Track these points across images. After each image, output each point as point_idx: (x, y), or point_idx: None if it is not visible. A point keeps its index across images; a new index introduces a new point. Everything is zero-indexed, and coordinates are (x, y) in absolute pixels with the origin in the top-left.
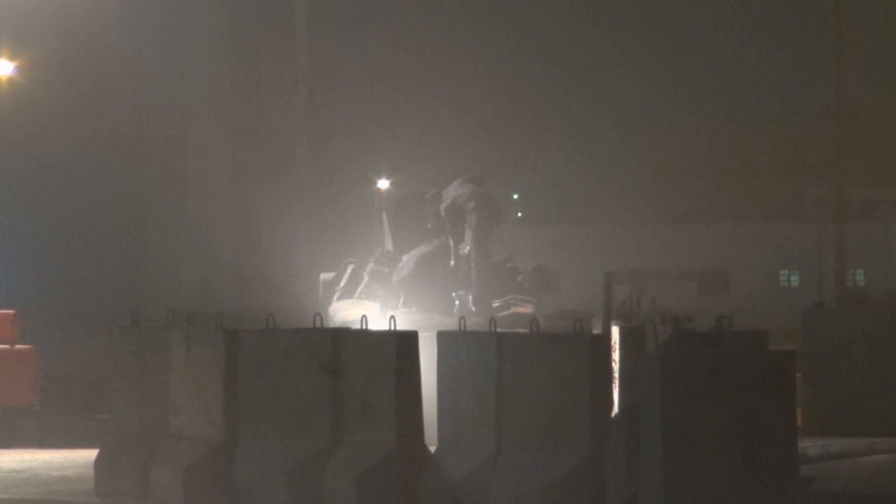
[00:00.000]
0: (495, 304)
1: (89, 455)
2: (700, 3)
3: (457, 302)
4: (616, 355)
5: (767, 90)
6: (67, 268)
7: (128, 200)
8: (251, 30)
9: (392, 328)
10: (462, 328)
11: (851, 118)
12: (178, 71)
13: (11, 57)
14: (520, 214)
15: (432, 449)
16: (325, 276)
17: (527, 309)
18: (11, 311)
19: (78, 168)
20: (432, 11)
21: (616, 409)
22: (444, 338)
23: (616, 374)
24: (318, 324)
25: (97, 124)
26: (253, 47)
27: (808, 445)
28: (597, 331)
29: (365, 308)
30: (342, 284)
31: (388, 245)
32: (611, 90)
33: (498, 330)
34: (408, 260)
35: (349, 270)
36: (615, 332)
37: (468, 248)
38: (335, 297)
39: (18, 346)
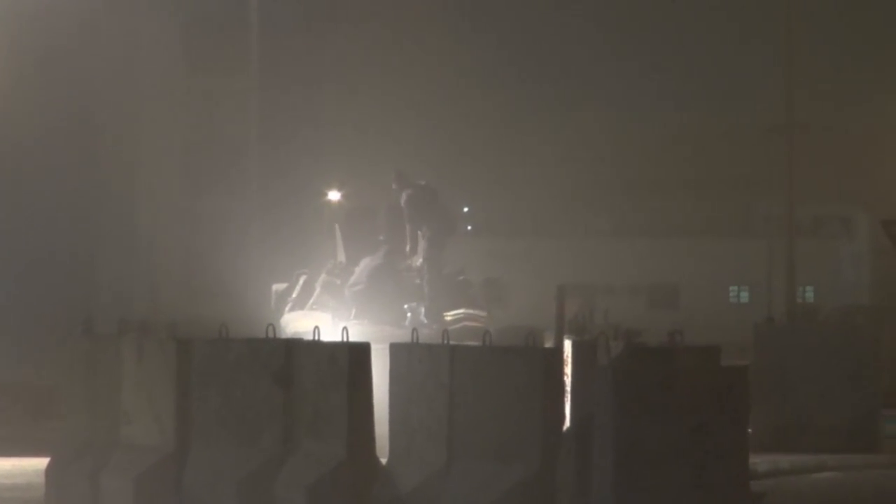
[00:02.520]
0: (448, 318)
1: (39, 463)
2: (649, 17)
3: (409, 314)
4: (568, 369)
5: (718, 105)
6: (17, 275)
7: (79, 209)
8: (203, 39)
9: (344, 339)
10: (415, 340)
11: (802, 134)
12: (130, 80)
13: None
14: (469, 227)
15: (384, 460)
16: (278, 286)
17: (479, 322)
18: None
19: (28, 174)
20: (384, 24)
21: (568, 422)
22: (396, 349)
23: (568, 388)
24: (270, 334)
25: (48, 132)
26: (205, 57)
27: (759, 461)
28: (549, 344)
29: (317, 319)
30: (294, 295)
31: (341, 256)
32: (561, 104)
33: (450, 342)
34: (360, 273)
35: (301, 281)
36: (567, 345)
37: (420, 260)
38: (287, 308)
39: None
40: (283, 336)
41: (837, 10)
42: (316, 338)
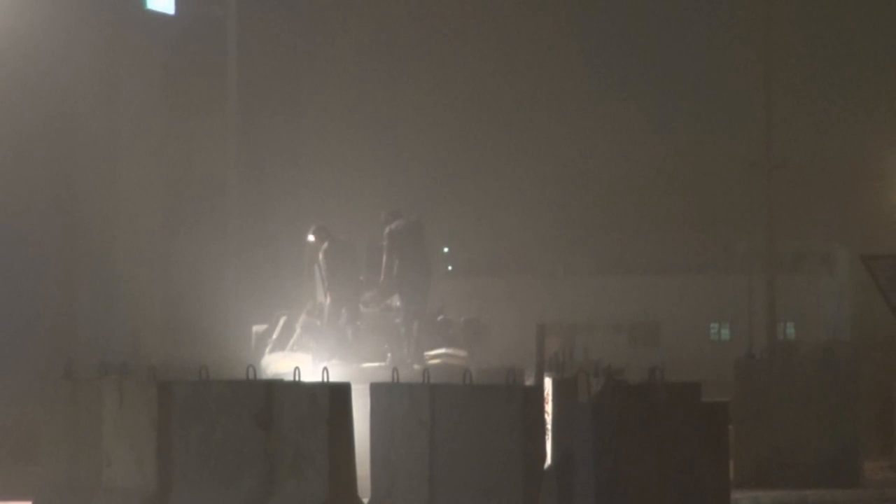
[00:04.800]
0: (429, 360)
1: None
2: (626, 52)
3: (389, 354)
4: (549, 407)
5: (697, 142)
6: None
7: (56, 250)
8: (182, 80)
9: (325, 380)
10: (395, 380)
11: (781, 170)
12: (109, 121)
13: None
14: (450, 267)
15: (366, 500)
16: (258, 328)
17: (460, 361)
18: None
19: (6, 216)
20: (365, 64)
21: (549, 460)
22: (377, 389)
23: (549, 426)
24: (250, 376)
25: (25, 173)
26: (184, 97)
27: (741, 497)
28: (529, 382)
29: (297, 360)
30: (274, 336)
31: (321, 297)
32: (539, 142)
33: (430, 382)
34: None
35: (281, 322)
36: (548, 383)
37: (398, 301)
38: (268, 350)
39: None
40: (264, 377)
41: (817, 46)
42: (296, 379)
